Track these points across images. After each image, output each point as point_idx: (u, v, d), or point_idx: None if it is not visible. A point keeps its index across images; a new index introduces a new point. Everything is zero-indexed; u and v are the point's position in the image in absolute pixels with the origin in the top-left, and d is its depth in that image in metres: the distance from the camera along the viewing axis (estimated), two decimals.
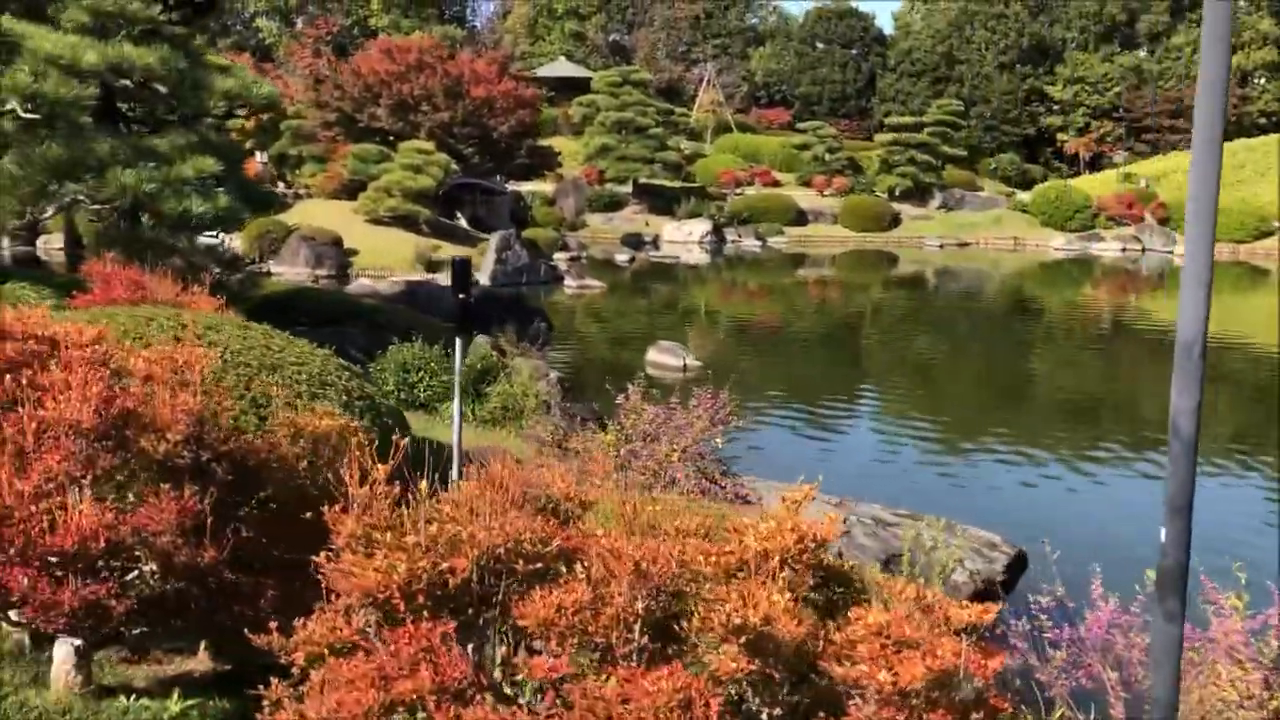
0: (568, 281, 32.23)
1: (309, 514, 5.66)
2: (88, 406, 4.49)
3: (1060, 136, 72.40)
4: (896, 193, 57.38)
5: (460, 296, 8.54)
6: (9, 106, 11.74)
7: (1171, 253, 51.10)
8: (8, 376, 4.75)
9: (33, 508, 4.22)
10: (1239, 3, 75.79)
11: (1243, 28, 72.59)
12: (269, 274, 27.72)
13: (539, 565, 3.39)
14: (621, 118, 54.13)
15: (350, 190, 39.27)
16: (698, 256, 49.33)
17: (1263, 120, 69.30)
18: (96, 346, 4.92)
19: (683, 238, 51.75)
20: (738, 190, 57.63)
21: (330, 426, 5.74)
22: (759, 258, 49.95)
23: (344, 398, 8.56)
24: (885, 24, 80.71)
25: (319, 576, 5.73)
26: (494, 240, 31.42)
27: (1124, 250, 51.52)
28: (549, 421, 10.54)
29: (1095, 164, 70.48)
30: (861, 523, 7.66)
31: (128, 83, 12.44)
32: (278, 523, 5.29)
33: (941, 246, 53.15)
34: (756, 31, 79.73)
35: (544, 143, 50.14)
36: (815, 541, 3.59)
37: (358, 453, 5.98)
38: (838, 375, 22.42)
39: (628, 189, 56.25)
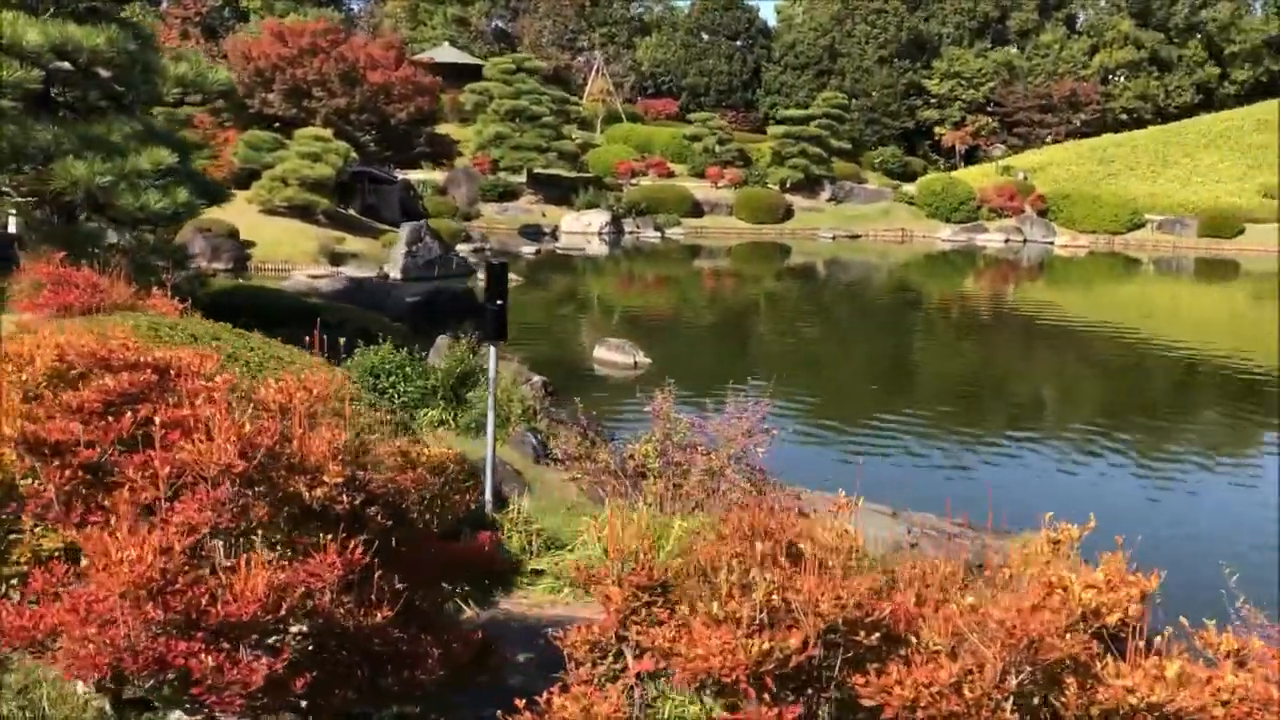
0: (480, 276, 31.42)
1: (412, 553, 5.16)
2: (233, 446, 3.90)
3: (938, 130, 74.41)
4: (788, 185, 58.01)
5: (499, 303, 8.04)
6: None
7: (1052, 243, 53.09)
8: (126, 414, 4.12)
9: (200, 570, 3.63)
10: (1100, 3, 79.36)
11: (1104, 28, 75.95)
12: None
13: (877, 636, 3.01)
14: (515, 106, 53.20)
15: (239, 180, 37.47)
16: (597, 248, 48.93)
17: (1124, 116, 72.56)
18: (223, 376, 4.31)
19: (581, 228, 51.26)
20: (633, 181, 57.40)
21: (443, 456, 5.24)
22: (658, 249, 49.86)
23: (371, 412, 7.96)
24: (769, 16, 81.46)
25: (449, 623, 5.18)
26: (404, 232, 30.41)
27: (1007, 241, 53.23)
28: (567, 431, 10.04)
29: (970, 157, 72.72)
30: (927, 535, 7.46)
31: (66, 65, 11.36)
32: (396, 566, 4.77)
33: (834, 238, 53.98)
34: (642, 21, 79.56)
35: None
36: (1143, 594, 3.30)
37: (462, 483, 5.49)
38: (784, 368, 22.34)
39: (521, 178, 55.37)
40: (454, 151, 47.54)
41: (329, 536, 3.99)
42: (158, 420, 3.96)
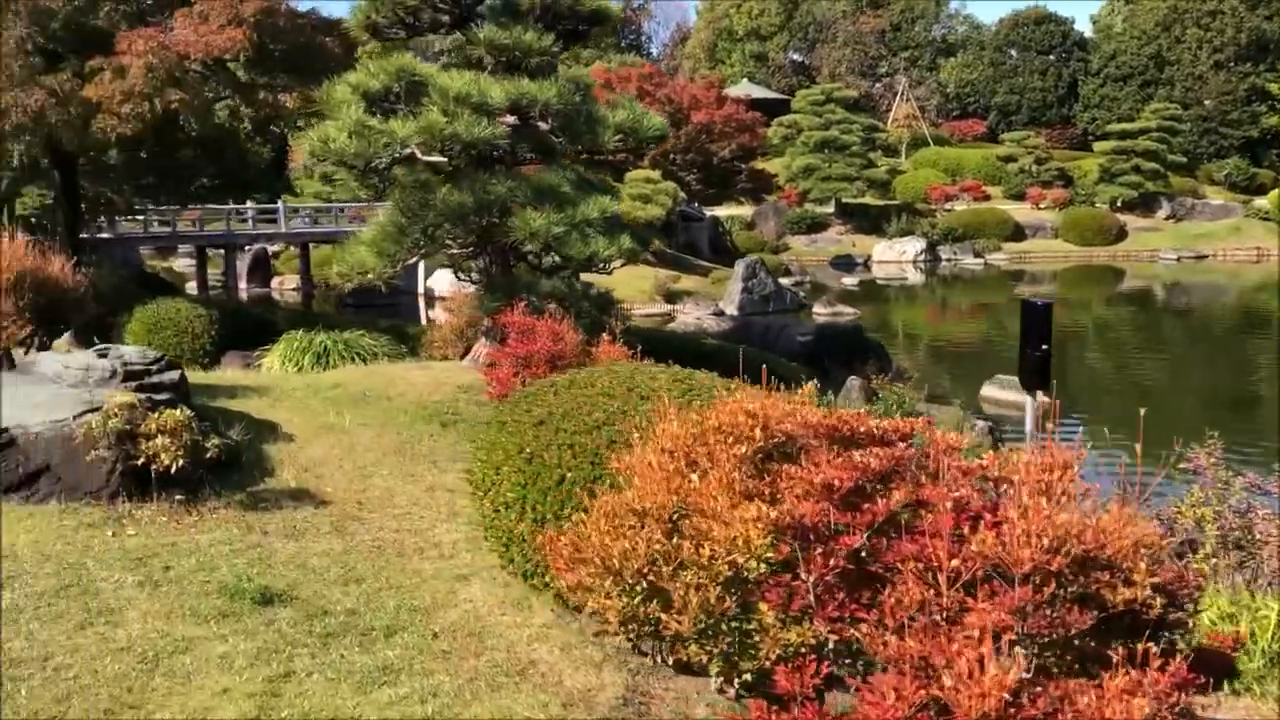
0: (816, 309, 30.78)
1: None
2: (1045, 539, 3.34)
3: None
4: (1119, 204, 54.04)
5: (1044, 348, 7.28)
6: (406, 151, 11.09)
7: None
8: (893, 494, 3.65)
9: (1056, 691, 3.07)
10: None
11: None
12: None
13: None
14: (825, 136, 52.62)
15: None
16: (914, 276, 47.35)
17: None
18: (988, 454, 3.77)
19: (895, 257, 49.86)
20: (946, 206, 55.31)
21: (1149, 535, 4.47)
22: (979, 276, 47.55)
23: None
24: (1083, 27, 76.88)
25: None
26: (739, 268, 30.32)
27: None
28: None
29: None
30: None
31: (513, 120, 11.68)
32: None
33: (1179, 259, 49.59)
34: (946, 42, 77.02)
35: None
36: None
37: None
38: (1196, 409, 20.13)
39: (828, 209, 54.70)
40: (772, 186, 47.40)
41: (1142, 647, 3.34)
42: (946, 505, 3.45)
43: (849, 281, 41.69)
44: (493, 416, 7.46)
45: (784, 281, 37.81)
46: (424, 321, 33.38)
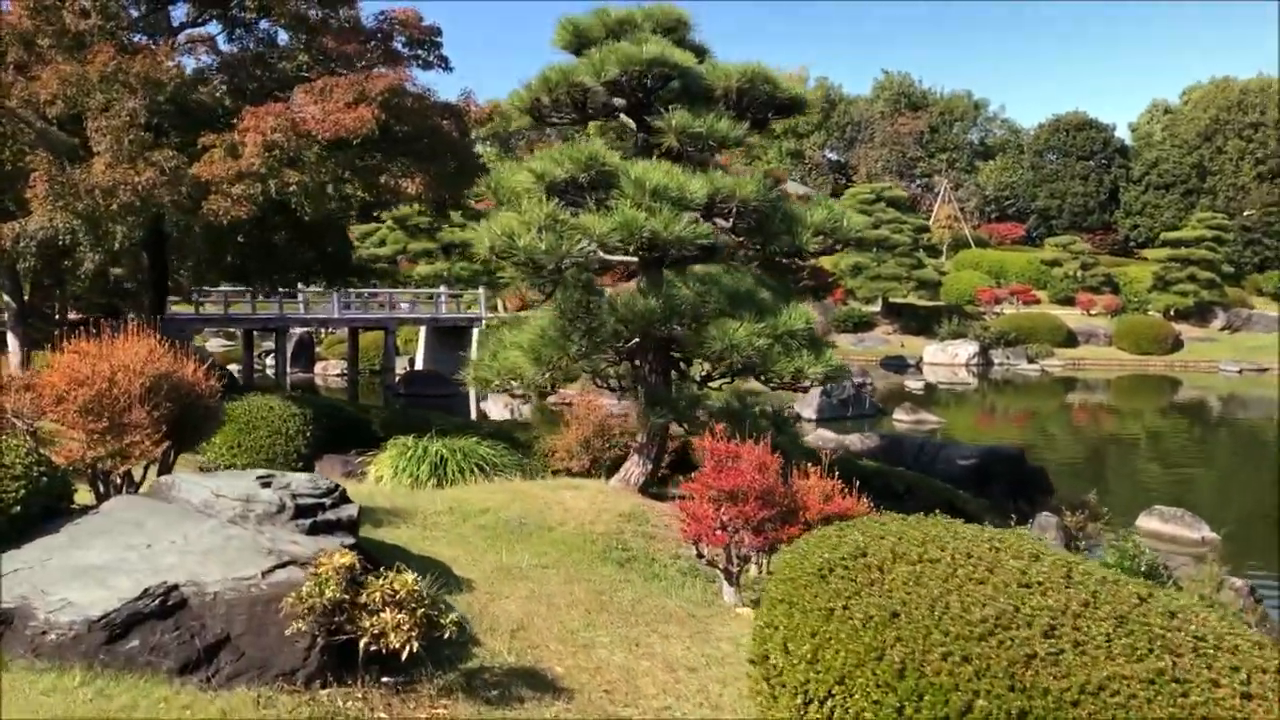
0: (898, 415, 29.30)
1: None
2: None
3: None
4: (1171, 312, 52.92)
5: None
6: (588, 247, 9.74)
7: None
8: None
9: None
10: None
11: None
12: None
13: None
14: (876, 235, 51.73)
15: None
16: (968, 379, 45.94)
17: None
18: None
19: (947, 359, 48.61)
20: (995, 309, 54.22)
21: None
22: (1033, 382, 46.13)
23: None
24: (1122, 134, 76.65)
25: None
26: None
27: None
28: None
29: None
30: None
31: (695, 215, 10.35)
32: None
33: (1240, 372, 48.17)
34: (985, 145, 76.89)
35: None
36: None
37: None
38: None
39: (873, 308, 53.66)
40: (831, 284, 46.36)
41: None
42: None
43: (913, 385, 40.25)
44: (789, 594, 5.87)
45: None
46: (474, 415, 31.72)
